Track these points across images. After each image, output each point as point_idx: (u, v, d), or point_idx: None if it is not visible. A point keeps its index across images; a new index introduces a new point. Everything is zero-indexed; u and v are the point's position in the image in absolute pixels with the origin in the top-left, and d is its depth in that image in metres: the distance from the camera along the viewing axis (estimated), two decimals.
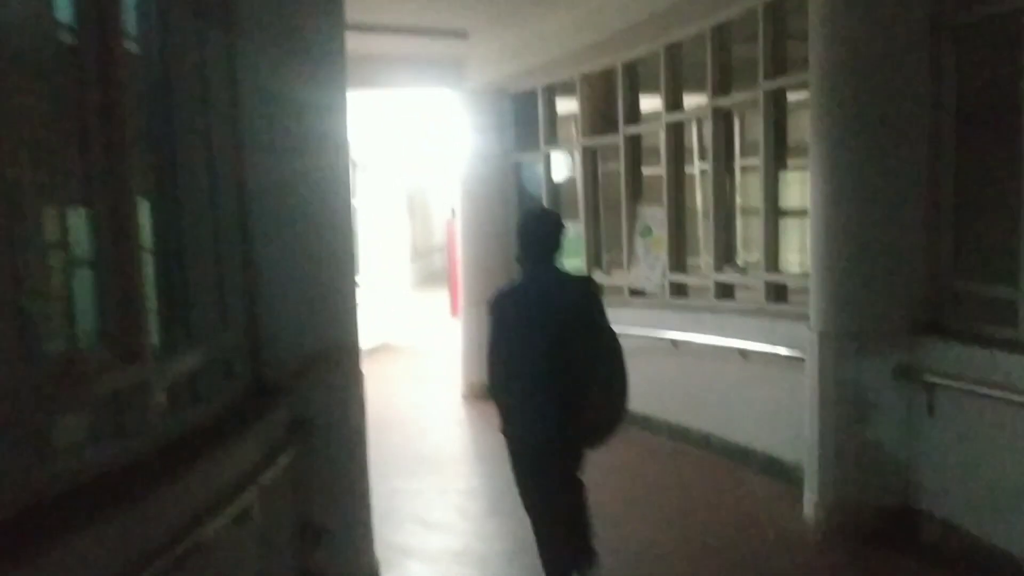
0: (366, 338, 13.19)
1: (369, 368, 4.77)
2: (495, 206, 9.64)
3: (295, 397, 3.84)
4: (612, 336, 3.74)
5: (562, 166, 9.30)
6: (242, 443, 3.17)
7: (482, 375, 9.72)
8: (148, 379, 2.60)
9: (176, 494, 2.51)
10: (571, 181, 9.11)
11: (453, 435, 8.17)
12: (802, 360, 5.36)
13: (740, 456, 6.49)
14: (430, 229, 26.18)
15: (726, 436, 6.69)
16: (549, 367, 3.62)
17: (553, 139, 9.24)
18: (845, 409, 4.92)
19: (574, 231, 9.04)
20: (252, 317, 3.78)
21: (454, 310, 14.82)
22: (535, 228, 3.85)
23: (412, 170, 16.68)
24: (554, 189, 9.30)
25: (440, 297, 17.56)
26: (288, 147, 3.84)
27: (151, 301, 2.95)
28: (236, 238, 3.66)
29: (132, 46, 2.88)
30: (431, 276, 23.33)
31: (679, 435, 7.24)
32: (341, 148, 4.09)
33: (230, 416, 3.42)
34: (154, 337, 2.95)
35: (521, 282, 3.85)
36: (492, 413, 3.89)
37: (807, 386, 5.16)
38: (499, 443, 3.92)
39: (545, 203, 9.16)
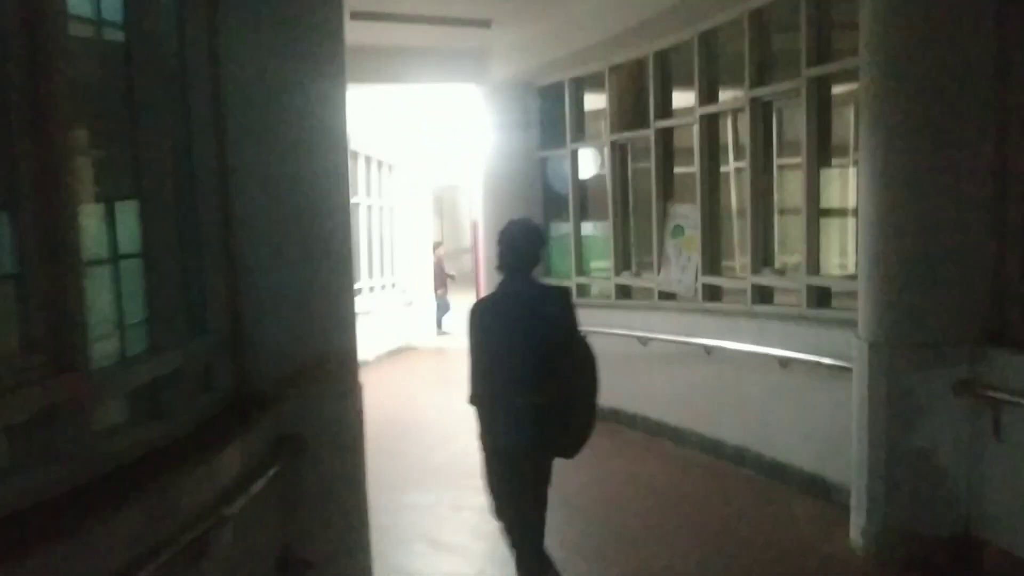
0: (388, 340, 13.00)
1: (390, 371, 4.50)
2: (520, 205, 9.19)
3: (282, 410, 3.47)
4: (586, 346, 3.84)
5: (590, 163, 8.87)
6: (213, 463, 2.80)
7: None
8: (86, 392, 2.23)
9: (115, 527, 2.14)
10: (599, 179, 8.68)
11: (473, 445, 7.70)
12: (848, 370, 4.89)
13: (778, 473, 6.01)
14: (458, 230, 25.84)
15: (763, 451, 6.21)
16: (527, 376, 3.69)
17: (580, 135, 8.81)
18: (898, 426, 4.43)
19: (602, 231, 8.64)
20: (235, 322, 3.41)
21: None
22: (516, 239, 3.87)
23: (440, 169, 16.32)
24: (581, 187, 8.87)
25: (468, 298, 17.18)
26: (279, 139, 3.48)
27: (103, 305, 2.60)
28: (216, 236, 3.31)
29: (83, 29, 2.54)
30: (459, 277, 22.96)
31: (711, 448, 6.77)
32: (338, 141, 3.70)
33: (204, 432, 3.06)
34: (107, 346, 2.61)
35: (501, 292, 3.89)
36: None
37: (855, 400, 4.68)
38: None
39: (572, 202, 8.76)
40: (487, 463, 3.92)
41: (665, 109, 7.61)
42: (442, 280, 16.69)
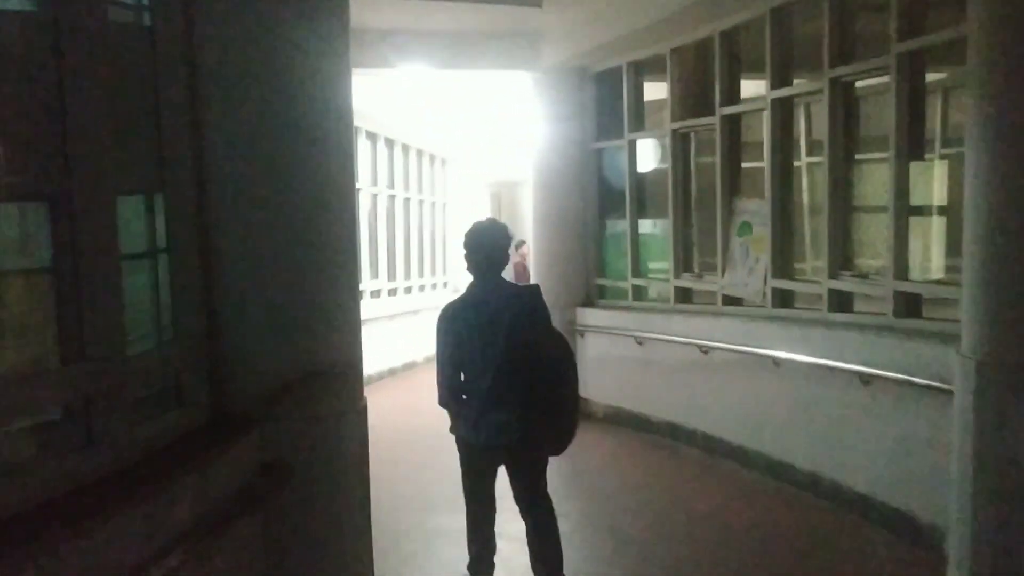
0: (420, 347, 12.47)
1: (430, 378, 4.12)
2: (573, 200, 8.61)
3: (269, 431, 2.95)
4: (563, 344, 3.88)
5: (649, 155, 8.19)
6: (167, 497, 2.28)
7: None
8: None
9: None
10: (658, 172, 8.01)
11: None
12: (946, 392, 4.17)
13: (858, 506, 5.27)
14: (518, 228, 25.23)
15: (840, 479, 5.47)
16: (503, 376, 3.71)
17: (639, 124, 8.14)
18: (1013, 463, 3.68)
19: (661, 229, 7.97)
20: (212, 327, 2.90)
21: None
22: (483, 240, 3.86)
23: (498, 165, 15.74)
24: (639, 181, 8.20)
25: None
26: (270, 122, 2.96)
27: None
28: (187, 231, 2.80)
29: None
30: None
31: (780, 472, 6.05)
32: (340, 126, 3.16)
33: (166, 458, 2.55)
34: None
35: (470, 295, 3.89)
36: None
37: (956, 429, 3.93)
38: (566, 476, 4.11)
39: (629, 197, 8.10)
40: (461, 457, 4.03)
41: (732, 95, 6.91)
42: (525, 281, 16.15)
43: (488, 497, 4.13)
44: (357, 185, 11.04)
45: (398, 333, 11.63)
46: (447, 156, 14.83)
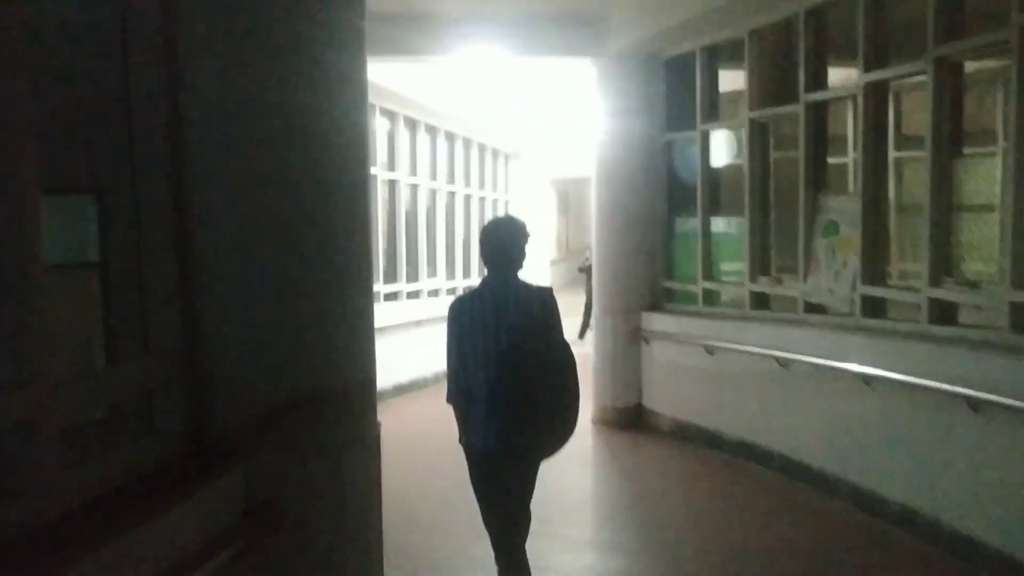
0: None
1: None
2: (640, 196, 8.00)
3: (256, 466, 2.48)
4: (565, 348, 3.76)
5: (723, 147, 7.53)
6: (126, 546, 1.83)
7: (616, 398, 8.08)
8: None
9: None
10: (733, 167, 7.34)
11: (573, 479, 6.54)
12: None
13: (964, 550, 4.56)
14: (585, 226, 24.65)
15: (942, 518, 4.74)
16: (504, 376, 3.62)
17: (713, 114, 7.48)
18: None
19: (735, 228, 7.30)
20: (191, 340, 2.44)
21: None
22: (499, 236, 3.81)
23: (566, 161, 15.15)
24: (712, 175, 7.54)
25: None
26: (264, 100, 2.49)
27: None
28: (161, 227, 2.36)
29: None
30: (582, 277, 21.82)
31: (869, 505, 5.35)
32: (351, 104, 2.66)
33: (112, 506, 2.11)
34: None
35: (480, 290, 3.82)
36: (628, 447, 4.29)
37: None
38: (627, 501, 4.06)
39: (701, 193, 7.46)
40: (469, 466, 3.84)
41: (818, 80, 6.21)
42: None
43: (502, 507, 3.85)
44: (415, 181, 10.75)
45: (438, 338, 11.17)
46: (511, 151, 14.33)
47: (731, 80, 7.33)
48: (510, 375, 3.58)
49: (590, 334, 9.19)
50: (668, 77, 7.86)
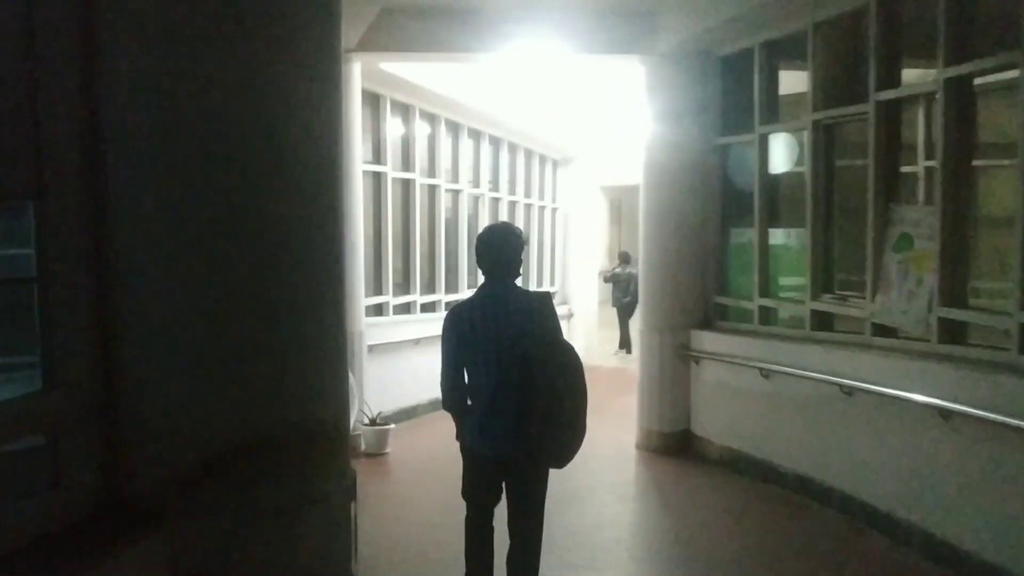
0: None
1: None
2: (692, 204, 7.43)
3: (186, 527, 2.03)
4: (571, 353, 3.74)
5: (783, 152, 6.91)
6: None
7: (663, 422, 7.47)
8: None
9: None
10: (794, 174, 6.73)
11: (610, 513, 5.93)
12: None
13: None
14: (638, 236, 23.97)
15: None
16: (511, 382, 3.61)
17: (772, 116, 6.87)
18: None
19: (796, 240, 6.67)
20: (107, 370, 2.00)
21: None
22: (497, 243, 3.80)
23: (618, 168, 14.55)
24: (771, 183, 6.93)
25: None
26: (196, 112, 2.05)
27: None
28: (74, 243, 1.93)
29: None
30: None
31: (946, 558, 4.70)
32: (317, 89, 2.21)
33: (27, 560, 1.67)
34: None
35: (478, 298, 3.81)
36: (673, 477, 4.37)
37: None
38: (671, 537, 4.16)
39: (758, 201, 6.86)
40: (465, 467, 3.89)
41: (891, 76, 5.58)
42: None
43: (486, 512, 3.91)
44: (455, 186, 10.32)
45: None
46: (560, 157, 13.81)
47: (792, 81, 6.73)
48: (517, 381, 3.58)
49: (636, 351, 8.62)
50: (723, 76, 7.29)
